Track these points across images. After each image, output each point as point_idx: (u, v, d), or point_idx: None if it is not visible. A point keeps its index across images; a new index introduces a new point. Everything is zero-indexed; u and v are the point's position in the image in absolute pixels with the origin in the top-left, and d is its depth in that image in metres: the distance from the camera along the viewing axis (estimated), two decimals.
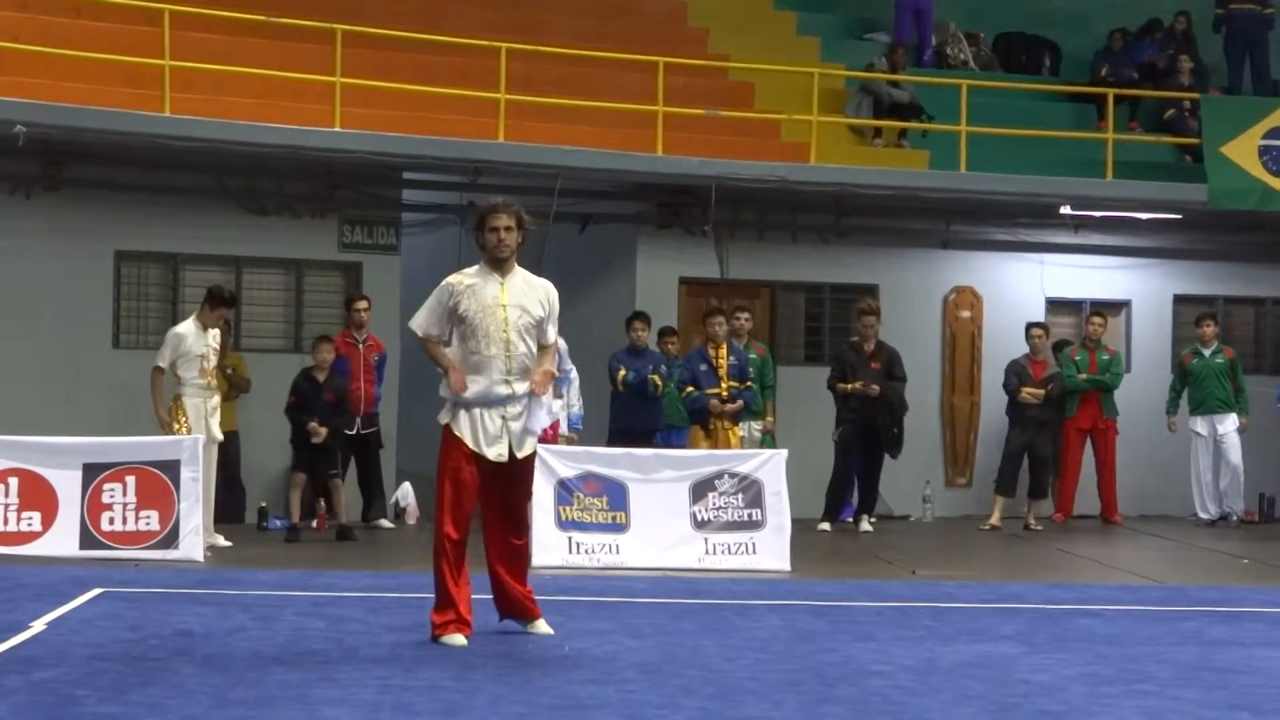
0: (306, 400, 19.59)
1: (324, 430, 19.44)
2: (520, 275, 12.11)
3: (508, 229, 11.91)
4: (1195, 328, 23.44)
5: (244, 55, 21.26)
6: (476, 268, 12.12)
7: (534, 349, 12.09)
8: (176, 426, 17.59)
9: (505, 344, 11.95)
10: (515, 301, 12.00)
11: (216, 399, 18.12)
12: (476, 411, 11.97)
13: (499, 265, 12.04)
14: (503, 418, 11.98)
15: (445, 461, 12.02)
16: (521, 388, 11.97)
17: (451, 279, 12.10)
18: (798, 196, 23.65)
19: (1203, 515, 22.94)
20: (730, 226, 23.64)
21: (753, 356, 21.00)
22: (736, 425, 20.35)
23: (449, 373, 11.93)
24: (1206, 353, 23.07)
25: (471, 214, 12.09)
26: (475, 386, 11.93)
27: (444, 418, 12.06)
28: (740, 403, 20.12)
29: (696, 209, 23.25)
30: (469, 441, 11.97)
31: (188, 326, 18.06)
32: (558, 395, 18.68)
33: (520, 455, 12.07)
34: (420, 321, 12.15)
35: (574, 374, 20.47)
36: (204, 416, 17.82)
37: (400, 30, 22.14)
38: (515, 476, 12.20)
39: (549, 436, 18.23)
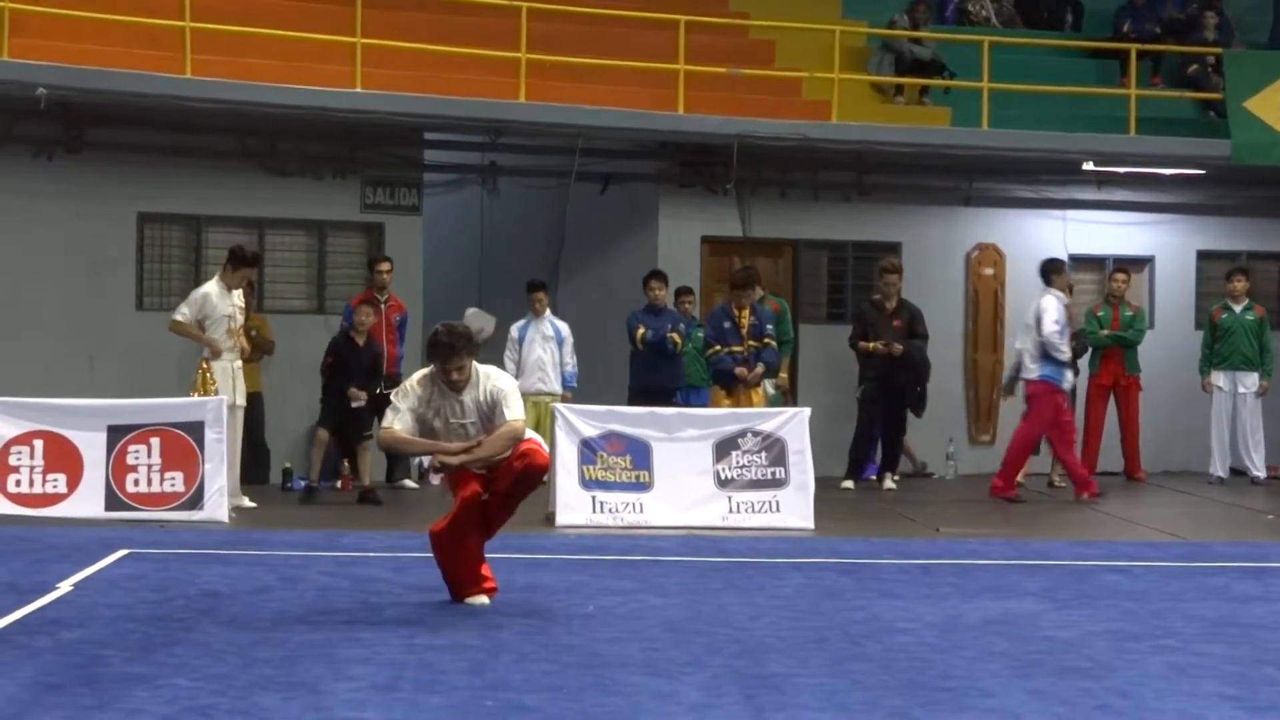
0: (346, 362, 19.51)
1: (364, 395, 19.36)
2: (472, 388, 12.12)
3: (459, 369, 12.02)
4: (1226, 282, 23.31)
5: (265, 16, 21.20)
6: (431, 380, 12.14)
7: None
8: (206, 388, 17.59)
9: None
10: (473, 417, 12.11)
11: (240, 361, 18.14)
12: None
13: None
14: None
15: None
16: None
17: (417, 389, 12.12)
18: (819, 154, 23.59)
19: (1213, 473, 22.87)
20: (752, 185, 23.58)
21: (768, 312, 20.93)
22: (758, 386, 20.34)
23: (435, 450, 12.13)
24: (1237, 308, 22.96)
25: (431, 344, 12.17)
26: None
27: None
28: (761, 368, 20.08)
29: (718, 168, 23.19)
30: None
31: (212, 287, 18.05)
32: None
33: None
34: (401, 425, 12.09)
35: (566, 331, 20.62)
36: (230, 378, 17.83)
37: None
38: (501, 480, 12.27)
39: None
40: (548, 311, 21.06)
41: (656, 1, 23.10)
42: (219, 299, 17.87)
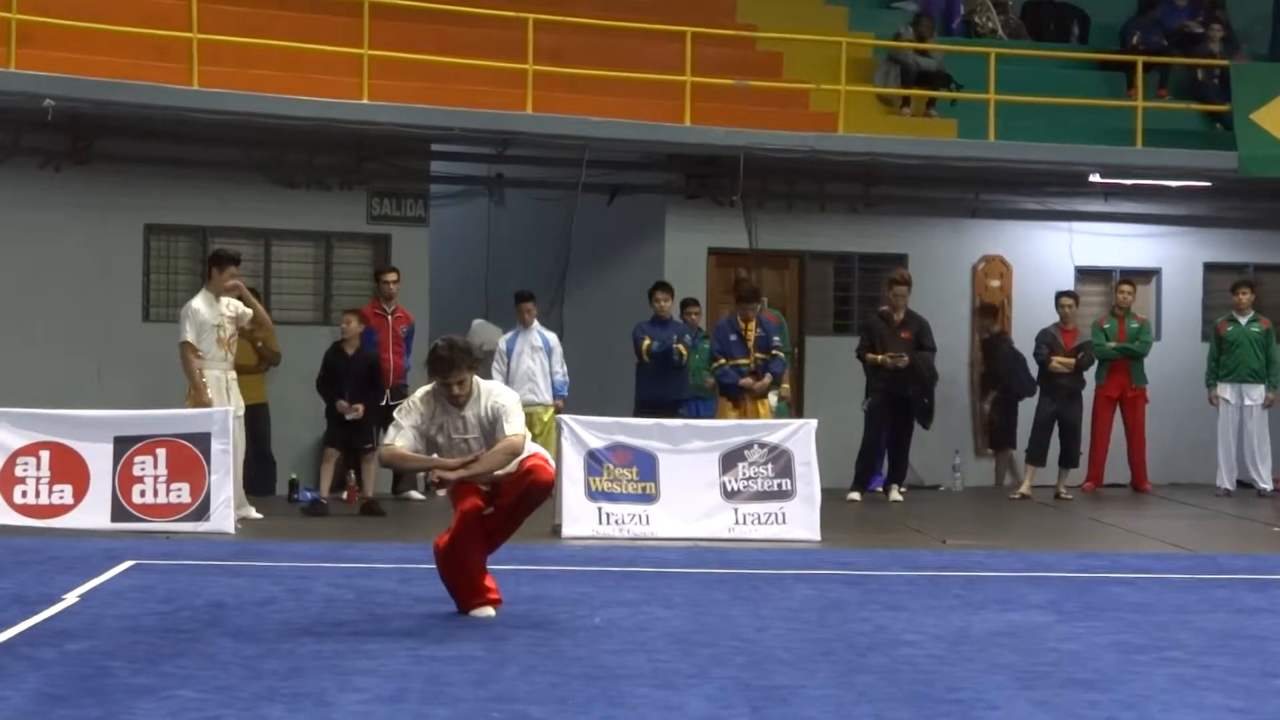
0: (338, 375, 19.52)
1: (359, 408, 19.36)
2: (474, 403, 12.14)
3: (460, 383, 12.04)
4: (1231, 295, 23.32)
5: (272, 28, 21.24)
6: (433, 396, 12.16)
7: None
8: (200, 399, 17.56)
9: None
10: (475, 433, 12.15)
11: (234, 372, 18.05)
12: None
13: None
14: None
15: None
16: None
17: (420, 405, 12.14)
18: (826, 166, 23.60)
19: (1220, 485, 22.84)
20: (759, 197, 23.60)
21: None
22: (765, 397, 20.36)
23: (434, 466, 12.14)
24: (1242, 320, 22.95)
25: (431, 357, 12.16)
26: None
27: None
28: (769, 378, 20.10)
29: (725, 179, 23.21)
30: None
31: (199, 300, 17.93)
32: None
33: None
34: (403, 442, 12.10)
35: (554, 341, 20.65)
36: (224, 389, 17.77)
37: (428, 2, 22.12)
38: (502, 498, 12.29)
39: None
40: (535, 322, 21.08)
41: (664, 13, 23.13)
42: (207, 311, 17.75)
